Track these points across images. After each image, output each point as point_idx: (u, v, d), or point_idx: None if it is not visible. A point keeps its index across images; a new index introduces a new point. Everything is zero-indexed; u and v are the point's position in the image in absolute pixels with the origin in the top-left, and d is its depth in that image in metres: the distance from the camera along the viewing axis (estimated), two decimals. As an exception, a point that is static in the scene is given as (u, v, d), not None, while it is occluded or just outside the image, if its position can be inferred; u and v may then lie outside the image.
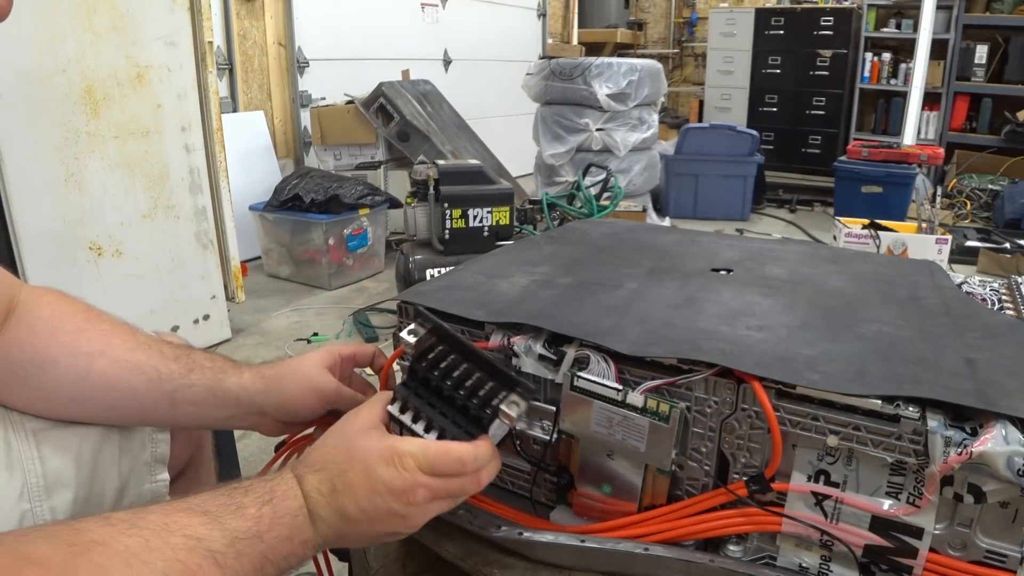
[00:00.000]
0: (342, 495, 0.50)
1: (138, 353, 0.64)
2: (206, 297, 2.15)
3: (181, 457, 0.76)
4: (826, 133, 5.09)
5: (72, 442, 0.62)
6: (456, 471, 0.52)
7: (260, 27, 3.34)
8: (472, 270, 0.82)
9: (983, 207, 3.88)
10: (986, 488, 0.48)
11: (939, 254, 2.28)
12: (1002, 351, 0.60)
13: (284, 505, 0.48)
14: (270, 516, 0.47)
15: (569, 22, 6.11)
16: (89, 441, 0.63)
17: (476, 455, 0.53)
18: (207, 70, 2.05)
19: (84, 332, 0.63)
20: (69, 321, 0.63)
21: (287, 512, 0.48)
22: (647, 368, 0.59)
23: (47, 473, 0.59)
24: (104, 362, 0.62)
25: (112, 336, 0.64)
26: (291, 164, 3.54)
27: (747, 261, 0.88)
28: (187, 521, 0.44)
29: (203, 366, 0.65)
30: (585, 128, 3.56)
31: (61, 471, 0.60)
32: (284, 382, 0.66)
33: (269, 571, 0.46)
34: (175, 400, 0.64)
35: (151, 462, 0.69)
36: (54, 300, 0.65)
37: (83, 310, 0.65)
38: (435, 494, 0.52)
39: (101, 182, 1.80)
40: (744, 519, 0.56)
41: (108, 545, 0.40)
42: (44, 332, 0.62)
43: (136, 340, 0.65)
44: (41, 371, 0.61)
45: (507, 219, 2.24)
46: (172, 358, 0.65)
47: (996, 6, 4.58)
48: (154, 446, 0.69)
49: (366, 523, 0.51)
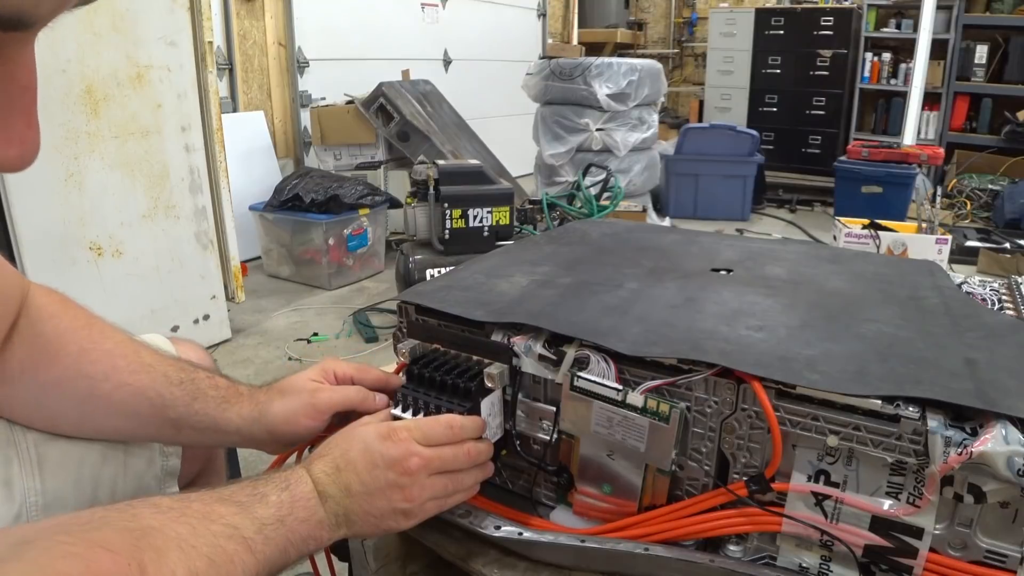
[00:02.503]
0: (345, 472, 0.54)
1: (142, 376, 0.63)
2: (206, 297, 2.15)
3: (192, 469, 0.76)
4: (826, 133, 5.09)
5: (73, 459, 0.62)
6: (446, 436, 0.58)
7: (260, 27, 3.34)
8: (472, 270, 0.82)
9: (983, 207, 3.88)
10: (986, 488, 0.48)
11: (939, 254, 2.27)
12: (1002, 351, 0.60)
13: (299, 490, 0.52)
14: (289, 501, 0.51)
15: (569, 22, 6.11)
16: (91, 458, 0.63)
17: (463, 422, 0.60)
18: (207, 70, 2.05)
19: (88, 353, 0.63)
20: (72, 340, 0.63)
21: (302, 496, 0.52)
22: (647, 368, 0.59)
23: (45, 491, 0.59)
24: (108, 386, 0.62)
25: (116, 358, 0.63)
26: (291, 164, 3.54)
27: (747, 261, 0.88)
28: (224, 511, 0.48)
29: (206, 395, 0.65)
30: (585, 128, 3.56)
31: (60, 491, 0.59)
32: (272, 408, 0.66)
33: (291, 553, 0.51)
34: (179, 426, 0.65)
35: (162, 476, 0.69)
36: (57, 313, 0.63)
37: (85, 325, 0.64)
38: (428, 462, 0.57)
39: (101, 182, 1.80)
40: (744, 519, 0.56)
41: (162, 531, 0.43)
42: (47, 352, 0.61)
43: (140, 361, 0.64)
44: (43, 392, 0.61)
45: (507, 219, 2.24)
46: (176, 383, 0.64)
47: (996, 6, 4.58)
48: (164, 459, 0.69)
49: (366, 497, 0.54)
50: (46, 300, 0.64)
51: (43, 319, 0.62)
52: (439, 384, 0.63)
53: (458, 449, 0.59)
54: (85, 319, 0.65)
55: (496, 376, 0.63)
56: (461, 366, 0.64)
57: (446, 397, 0.62)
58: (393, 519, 0.56)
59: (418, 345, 0.68)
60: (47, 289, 0.66)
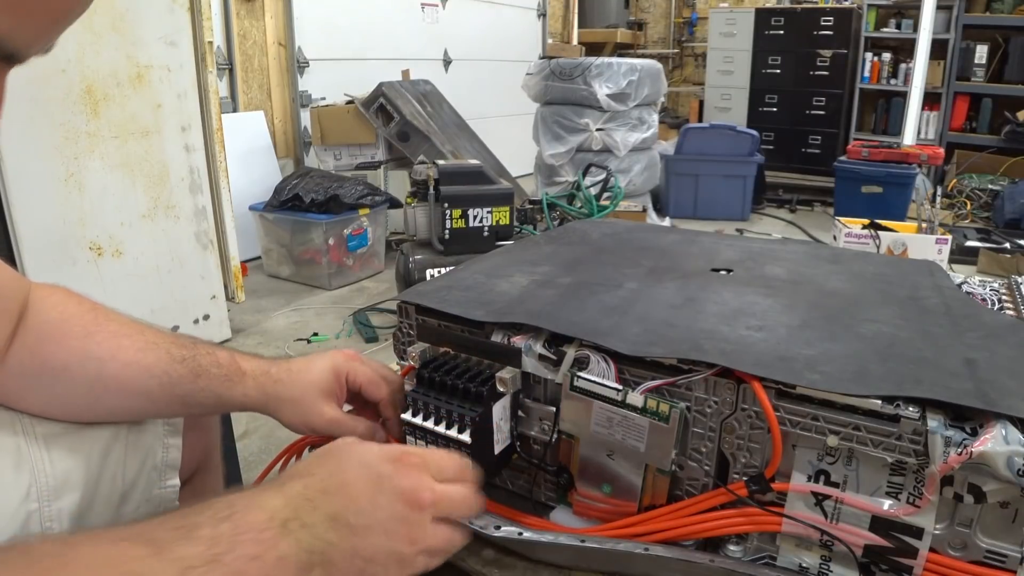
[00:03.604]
0: (336, 496, 0.44)
1: (148, 354, 0.64)
2: (206, 297, 2.15)
3: (190, 462, 0.76)
4: (826, 133, 5.09)
5: (83, 445, 0.62)
6: (457, 472, 0.51)
7: (260, 27, 3.34)
8: (472, 270, 0.82)
9: (983, 207, 3.88)
10: (986, 488, 0.48)
11: (939, 254, 2.27)
12: (1002, 351, 0.60)
13: (246, 520, 0.41)
14: (228, 535, 0.40)
15: (569, 22, 6.11)
16: (99, 444, 0.63)
17: (470, 464, 0.53)
18: (207, 70, 2.05)
19: (93, 335, 0.63)
20: (77, 324, 0.63)
21: (250, 527, 0.40)
22: (647, 368, 0.59)
23: (56, 474, 0.58)
24: (116, 366, 0.62)
25: (121, 337, 0.64)
26: (291, 164, 3.54)
27: (747, 261, 0.88)
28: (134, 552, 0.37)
29: (209, 372, 0.65)
30: (585, 128, 3.56)
31: (70, 472, 0.59)
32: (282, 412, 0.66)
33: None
34: (187, 402, 0.65)
35: (161, 467, 0.68)
36: (60, 301, 0.64)
37: (89, 310, 0.65)
38: (438, 499, 0.48)
39: (101, 182, 1.80)
40: (744, 519, 0.56)
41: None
42: (53, 338, 0.62)
43: (144, 339, 0.65)
44: (54, 378, 0.61)
45: (507, 219, 2.24)
46: (179, 360, 0.64)
47: (996, 6, 4.58)
48: (165, 452, 0.69)
49: (361, 531, 0.44)
50: (49, 292, 0.64)
51: (47, 308, 0.63)
52: (450, 388, 0.62)
53: (466, 491, 0.51)
54: (89, 304, 0.66)
55: (508, 380, 0.62)
56: (472, 370, 0.64)
57: (457, 401, 0.62)
58: (383, 565, 0.45)
59: (427, 348, 0.68)
60: (49, 285, 0.66)
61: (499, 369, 0.63)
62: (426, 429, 0.62)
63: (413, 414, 0.63)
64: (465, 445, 0.60)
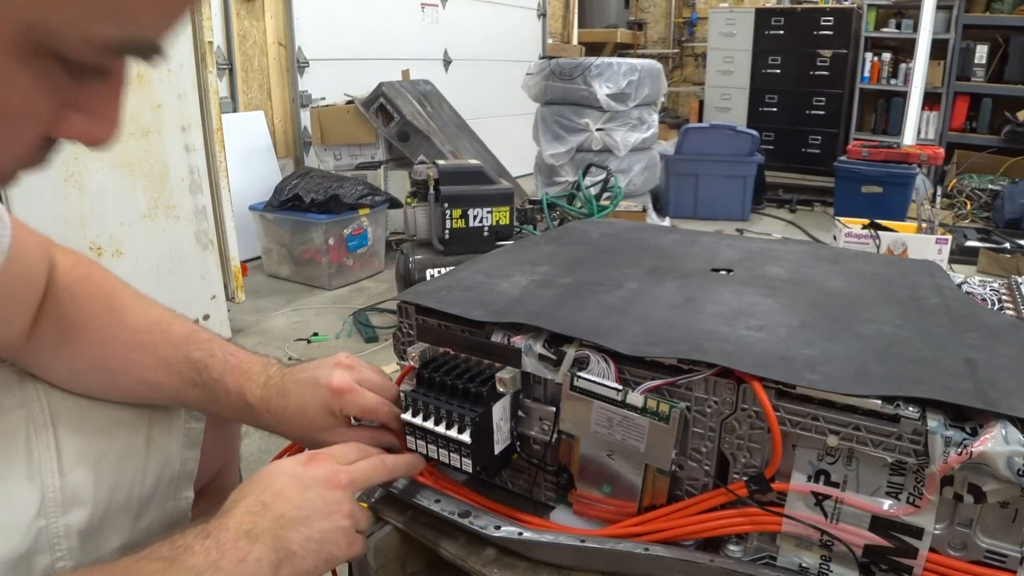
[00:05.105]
0: (275, 504, 0.52)
1: (159, 372, 0.64)
2: (206, 297, 2.15)
3: (207, 474, 0.75)
4: (826, 133, 5.09)
5: (94, 452, 0.61)
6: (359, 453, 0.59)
7: (260, 27, 3.34)
8: (472, 270, 0.82)
9: (983, 207, 3.88)
10: (986, 488, 0.48)
11: (939, 254, 2.28)
12: (1002, 351, 0.60)
13: (222, 536, 0.49)
14: (216, 547, 0.48)
15: (569, 22, 6.11)
16: (112, 455, 0.62)
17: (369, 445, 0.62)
18: (207, 70, 2.05)
19: (105, 347, 0.64)
20: (91, 330, 0.64)
21: (227, 540, 0.48)
22: (647, 368, 0.59)
23: (65, 487, 0.58)
24: (128, 380, 0.64)
25: (132, 350, 0.64)
26: (291, 164, 3.54)
27: (747, 261, 0.88)
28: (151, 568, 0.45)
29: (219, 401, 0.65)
30: (585, 128, 3.56)
31: (79, 487, 0.59)
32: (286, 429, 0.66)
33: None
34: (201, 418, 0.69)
35: (178, 479, 0.68)
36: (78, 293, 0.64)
37: (104, 310, 0.65)
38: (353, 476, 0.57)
39: (101, 182, 1.80)
40: (744, 519, 0.56)
41: None
42: (68, 340, 0.63)
43: (156, 356, 0.64)
44: (70, 375, 0.63)
45: (507, 219, 2.24)
46: (190, 383, 0.64)
47: (996, 6, 4.58)
48: (183, 464, 0.69)
49: (305, 521, 0.52)
50: (70, 279, 0.65)
51: (64, 302, 0.63)
52: (450, 388, 0.62)
53: (376, 461, 0.60)
54: (105, 301, 0.66)
55: (508, 380, 0.62)
56: (472, 370, 0.64)
57: (457, 401, 0.61)
58: (334, 542, 0.53)
59: (427, 348, 0.68)
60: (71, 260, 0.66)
61: (499, 369, 0.63)
62: (426, 429, 0.62)
63: (413, 414, 0.63)
64: (465, 445, 0.60)
